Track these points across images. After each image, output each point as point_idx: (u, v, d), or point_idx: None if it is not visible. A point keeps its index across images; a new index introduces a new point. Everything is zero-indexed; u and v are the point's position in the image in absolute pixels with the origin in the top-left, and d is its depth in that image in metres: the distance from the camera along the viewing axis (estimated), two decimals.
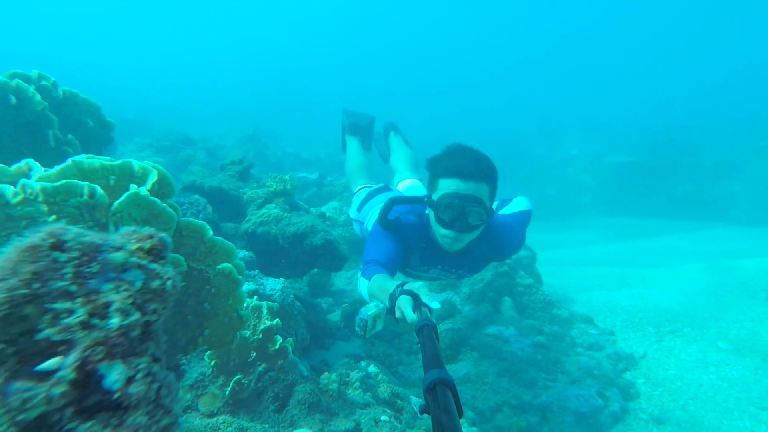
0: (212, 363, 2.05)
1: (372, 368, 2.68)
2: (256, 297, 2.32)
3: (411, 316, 1.28)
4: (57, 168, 1.14)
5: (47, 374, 0.27)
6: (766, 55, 27.93)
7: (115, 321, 0.31)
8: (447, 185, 1.88)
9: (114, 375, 0.28)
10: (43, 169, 1.18)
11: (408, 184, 3.33)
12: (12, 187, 1.02)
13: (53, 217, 1.04)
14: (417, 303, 1.33)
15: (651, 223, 10.53)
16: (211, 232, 1.40)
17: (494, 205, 2.22)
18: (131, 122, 10.69)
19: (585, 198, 12.82)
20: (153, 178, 1.26)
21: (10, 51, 28.25)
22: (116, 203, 1.14)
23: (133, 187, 1.20)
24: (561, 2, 33.99)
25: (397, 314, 1.38)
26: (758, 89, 23.36)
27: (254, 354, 2.12)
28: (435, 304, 1.32)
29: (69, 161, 1.15)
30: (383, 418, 2.12)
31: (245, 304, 1.88)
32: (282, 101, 21.71)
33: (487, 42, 37.62)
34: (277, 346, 2.14)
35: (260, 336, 2.12)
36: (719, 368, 3.33)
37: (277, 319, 2.17)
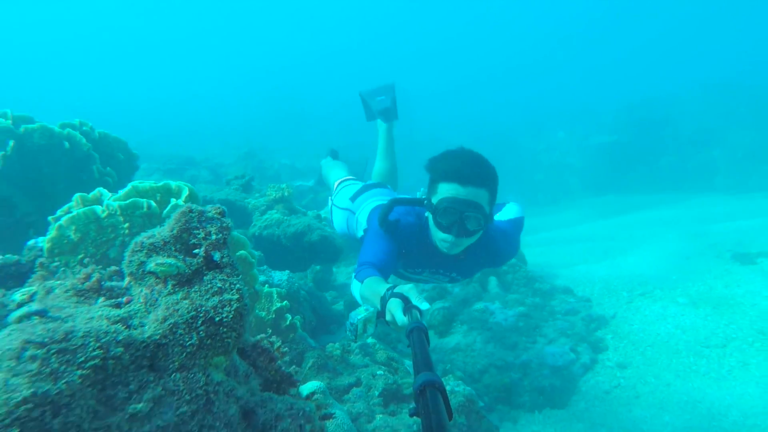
0: None
1: (370, 339, 3.16)
2: (267, 285, 2.81)
3: (401, 319, 1.28)
4: (122, 191, 1.64)
5: (196, 255, 0.77)
6: (736, 24, 28.50)
7: (213, 237, 0.80)
8: (446, 189, 1.87)
9: (216, 255, 0.77)
10: (110, 193, 1.68)
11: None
12: (99, 207, 1.52)
13: (127, 224, 1.53)
14: (407, 306, 1.32)
15: (637, 197, 10.91)
16: None
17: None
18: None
19: (572, 179, 13.26)
20: (186, 192, 1.76)
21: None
22: (164, 211, 1.64)
23: (173, 200, 1.70)
24: (540, 3, 35.01)
25: (388, 317, 1.38)
26: (733, 58, 23.88)
27: (270, 330, 2.60)
28: (425, 305, 1.31)
29: (129, 186, 1.65)
30: (379, 372, 2.61)
31: (258, 286, 2.36)
32: (273, 114, 22.20)
33: (470, 42, 38.35)
34: (288, 323, 2.63)
35: (273, 316, 2.62)
36: (675, 319, 3.79)
37: (286, 301, 2.66)
